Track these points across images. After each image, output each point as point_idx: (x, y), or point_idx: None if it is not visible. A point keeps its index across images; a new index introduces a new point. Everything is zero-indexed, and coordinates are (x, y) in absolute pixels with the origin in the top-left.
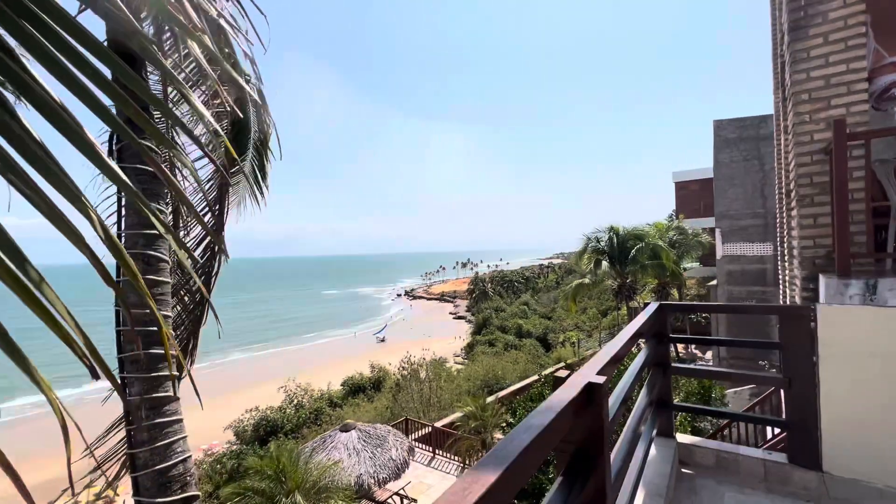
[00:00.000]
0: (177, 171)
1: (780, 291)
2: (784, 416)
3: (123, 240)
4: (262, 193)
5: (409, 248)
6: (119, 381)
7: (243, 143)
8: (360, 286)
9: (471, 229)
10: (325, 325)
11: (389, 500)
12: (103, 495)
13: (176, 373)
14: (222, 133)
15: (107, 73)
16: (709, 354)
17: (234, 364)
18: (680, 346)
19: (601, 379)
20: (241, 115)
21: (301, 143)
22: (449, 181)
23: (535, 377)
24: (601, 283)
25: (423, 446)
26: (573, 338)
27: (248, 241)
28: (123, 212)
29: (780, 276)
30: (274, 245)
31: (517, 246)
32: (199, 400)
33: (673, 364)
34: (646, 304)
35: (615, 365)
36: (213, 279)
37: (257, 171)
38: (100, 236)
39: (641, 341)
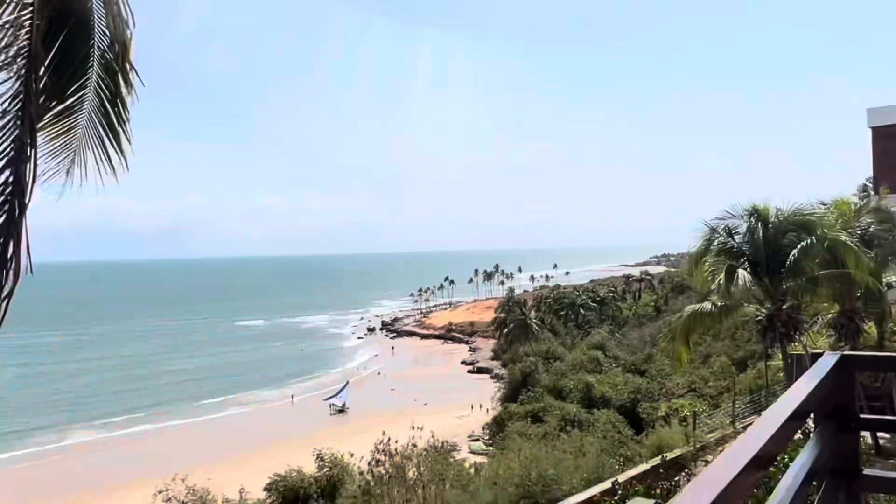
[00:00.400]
0: None
1: None
2: None
3: None
4: (119, 148)
5: (390, 246)
6: None
7: (74, 54)
8: (302, 312)
9: (499, 214)
10: (239, 383)
11: None
12: None
13: None
14: None
15: None
16: None
17: (79, 451)
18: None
19: None
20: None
21: (198, 70)
22: (459, 131)
23: (612, 483)
24: (736, 310)
25: None
26: (685, 409)
27: (101, 233)
28: None
29: None
30: (151, 240)
31: (583, 242)
32: None
33: (865, 471)
34: (814, 356)
35: (758, 472)
36: (4, 305)
37: (109, 108)
38: None
39: (809, 421)
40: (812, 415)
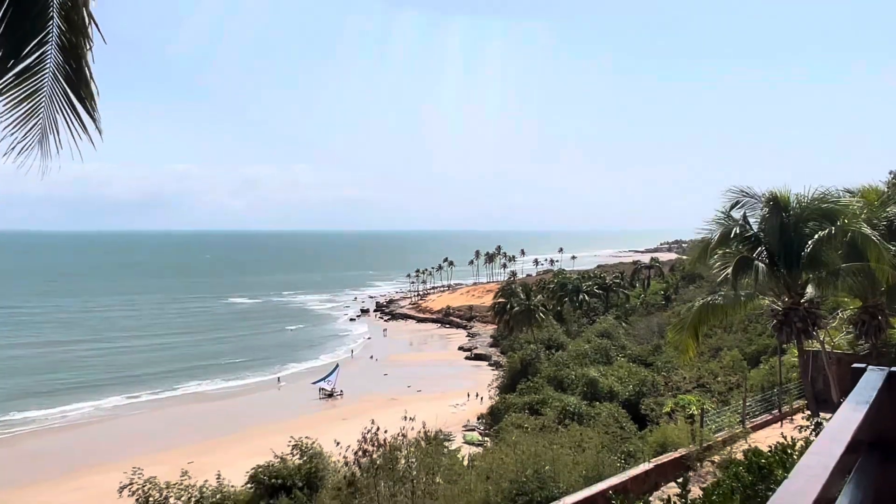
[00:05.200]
0: None
1: None
2: None
3: None
4: (90, 109)
5: (388, 223)
6: None
7: (30, 5)
8: (291, 290)
9: (501, 194)
10: (223, 364)
11: None
12: None
13: None
14: None
15: None
16: None
17: (36, 431)
18: None
19: None
20: None
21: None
22: (464, 106)
23: (617, 480)
24: (750, 302)
25: None
26: (693, 406)
27: (77, 202)
28: None
29: None
30: (131, 210)
31: (591, 225)
32: None
33: None
34: (855, 370)
35: None
36: None
37: (73, 65)
38: None
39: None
40: (857, 447)
